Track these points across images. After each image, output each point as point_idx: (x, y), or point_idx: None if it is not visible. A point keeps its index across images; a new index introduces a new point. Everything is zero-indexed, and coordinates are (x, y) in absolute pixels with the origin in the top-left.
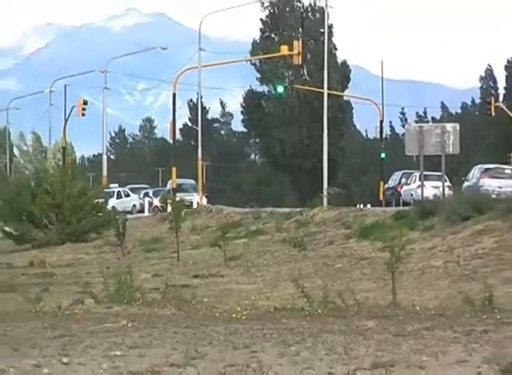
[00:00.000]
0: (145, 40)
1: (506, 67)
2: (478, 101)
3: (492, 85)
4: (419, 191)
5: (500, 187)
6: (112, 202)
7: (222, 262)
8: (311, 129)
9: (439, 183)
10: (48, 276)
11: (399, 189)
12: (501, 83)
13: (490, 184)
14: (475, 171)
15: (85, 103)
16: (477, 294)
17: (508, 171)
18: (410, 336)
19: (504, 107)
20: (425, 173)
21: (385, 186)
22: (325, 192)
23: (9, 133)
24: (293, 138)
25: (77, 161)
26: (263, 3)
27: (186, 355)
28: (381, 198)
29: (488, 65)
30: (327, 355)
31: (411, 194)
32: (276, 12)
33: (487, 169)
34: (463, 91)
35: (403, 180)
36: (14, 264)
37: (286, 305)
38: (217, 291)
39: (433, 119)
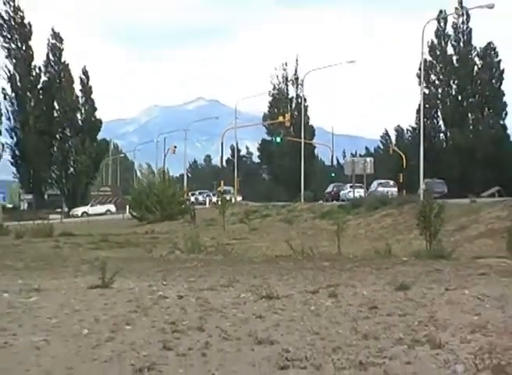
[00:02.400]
0: (206, 113)
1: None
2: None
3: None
4: (351, 193)
5: (387, 192)
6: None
7: (248, 231)
8: (295, 160)
9: (362, 190)
10: (156, 238)
11: (333, 193)
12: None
13: (382, 190)
14: (375, 183)
15: (175, 147)
16: (382, 248)
17: (391, 183)
18: (347, 270)
19: (396, 149)
20: (356, 184)
21: (325, 191)
22: (302, 194)
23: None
24: (286, 165)
25: (170, 177)
26: (271, 93)
27: (229, 280)
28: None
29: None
30: (304, 281)
31: (345, 195)
32: (276, 98)
33: (380, 182)
34: (376, 139)
35: (335, 189)
36: (138, 232)
37: (282, 254)
38: (245, 247)
39: (360, 155)
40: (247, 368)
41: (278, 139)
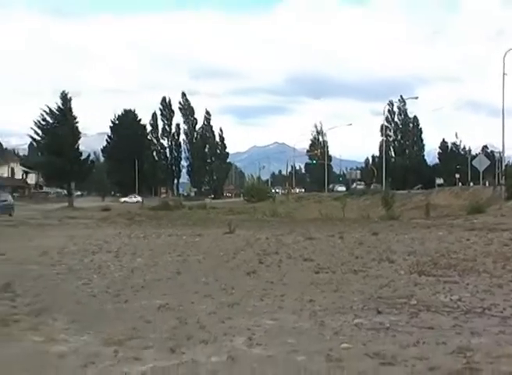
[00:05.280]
0: (279, 149)
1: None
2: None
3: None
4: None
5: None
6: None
7: (299, 207)
8: (323, 172)
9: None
10: (255, 210)
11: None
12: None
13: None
14: (354, 183)
15: (263, 166)
16: (365, 215)
17: (362, 183)
18: (347, 225)
19: (372, 166)
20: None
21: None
22: (326, 189)
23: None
24: (318, 175)
25: (262, 180)
26: (311, 138)
27: (290, 230)
28: None
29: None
30: (326, 230)
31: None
32: (313, 141)
33: (358, 183)
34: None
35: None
36: (246, 207)
37: (316, 217)
38: (297, 214)
39: (351, 169)
40: (299, 272)
41: (314, 162)
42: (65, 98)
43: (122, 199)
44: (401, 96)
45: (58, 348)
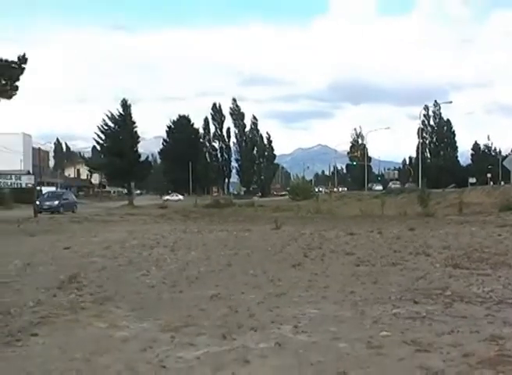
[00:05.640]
0: (322, 151)
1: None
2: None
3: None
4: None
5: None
6: (316, 189)
7: (341, 205)
8: (363, 172)
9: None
10: (300, 207)
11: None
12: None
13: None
14: (390, 183)
15: (308, 167)
16: (402, 212)
17: (397, 182)
18: (386, 222)
19: (408, 167)
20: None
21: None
22: (366, 187)
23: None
24: (359, 175)
25: (306, 180)
26: (351, 141)
27: (332, 226)
28: None
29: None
30: (366, 226)
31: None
32: (353, 143)
33: (394, 182)
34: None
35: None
36: (290, 204)
37: (356, 214)
38: (340, 211)
39: (389, 169)
40: (341, 265)
41: (354, 163)
42: (125, 105)
43: (165, 197)
44: (435, 101)
45: (121, 334)
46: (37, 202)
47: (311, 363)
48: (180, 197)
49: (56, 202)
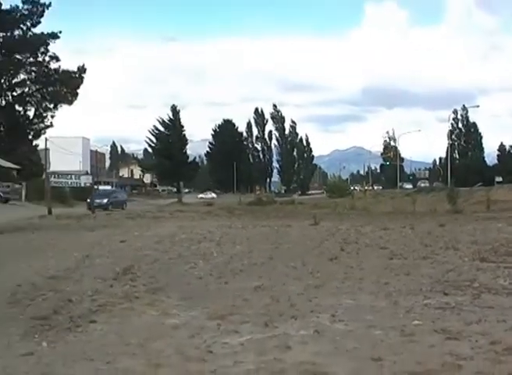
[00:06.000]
0: (357, 152)
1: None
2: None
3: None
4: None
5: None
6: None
7: (376, 202)
8: (395, 171)
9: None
10: (336, 204)
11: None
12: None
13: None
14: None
15: (344, 167)
16: (432, 209)
17: (426, 181)
18: (417, 218)
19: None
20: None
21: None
22: (398, 186)
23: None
24: (392, 174)
25: (342, 179)
26: (384, 143)
27: (368, 222)
28: None
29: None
30: (399, 222)
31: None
32: (386, 145)
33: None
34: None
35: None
36: (327, 202)
37: (390, 211)
38: (374, 208)
39: (419, 169)
40: (376, 258)
41: (387, 163)
42: (175, 111)
43: (200, 195)
44: (463, 105)
45: (172, 321)
46: (88, 200)
47: (348, 350)
48: (213, 195)
49: (105, 200)
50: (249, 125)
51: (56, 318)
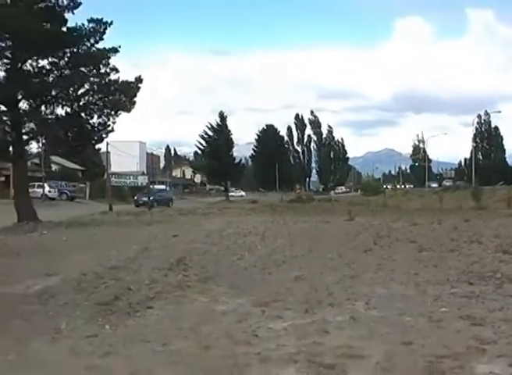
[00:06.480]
0: (388, 154)
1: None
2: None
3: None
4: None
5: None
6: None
7: (407, 199)
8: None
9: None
10: (370, 202)
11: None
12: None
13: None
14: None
15: (377, 167)
16: (458, 205)
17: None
18: (444, 214)
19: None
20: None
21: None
22: (426, 185)
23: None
24: (420, 174)
25: (375, 178)
26: (413, 145)
27: (398, 218)
28: None
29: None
30: (427, 218)
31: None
32: (415, 147)
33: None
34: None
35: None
36: (362, 199)
37: (418, 207)
38: (404, 205)
39: (446, 169)
40: (406, 251)
41: (416, 164)
42: (222, 117)
43: (230, 193)
44: (486, 110)
45: (220, 308)
46: (135, 197)
47: (381, 334)
48: (243, 193)
49: (150, 198)
50: (289, 129)
51: (117, 304)
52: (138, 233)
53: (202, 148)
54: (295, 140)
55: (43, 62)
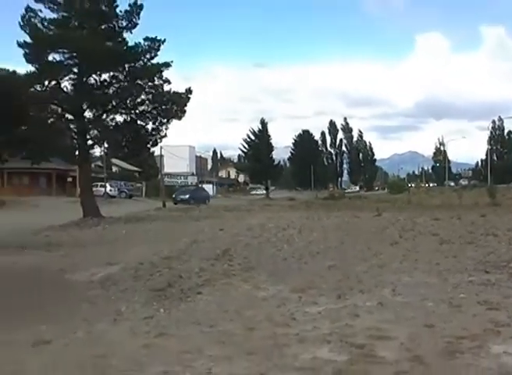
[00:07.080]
0: (411, 156)
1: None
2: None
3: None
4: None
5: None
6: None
7: (427, 197)
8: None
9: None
10: (396, 199)
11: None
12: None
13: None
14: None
15: (401, 168)
16: (475, 202)
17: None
18: (462, 210)
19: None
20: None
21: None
22: (446, 183)
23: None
24: (441, 173)
25: (400, 178)
26: (435, 148)
27: (420, 214)
28: None
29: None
30: (446, 213)
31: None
32: (436, 150)
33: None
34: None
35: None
36: (388, 197)
37: (436, 204)
38: (422, 202)
39: (464, 169)
40: (429, 243)
41: (437, 165)
42: (263, 123)
43: (253, 192)
44: (499, 116)
45: (262, 294)
46: (173, 195)
47: (406, 318)
48: (264, 191)
49: (187, 196)
50: (323, 134)
51: (170, 290)
52: (188, 228)
53: (245, 151)
54: (328, 143)
55: (105, 76)
